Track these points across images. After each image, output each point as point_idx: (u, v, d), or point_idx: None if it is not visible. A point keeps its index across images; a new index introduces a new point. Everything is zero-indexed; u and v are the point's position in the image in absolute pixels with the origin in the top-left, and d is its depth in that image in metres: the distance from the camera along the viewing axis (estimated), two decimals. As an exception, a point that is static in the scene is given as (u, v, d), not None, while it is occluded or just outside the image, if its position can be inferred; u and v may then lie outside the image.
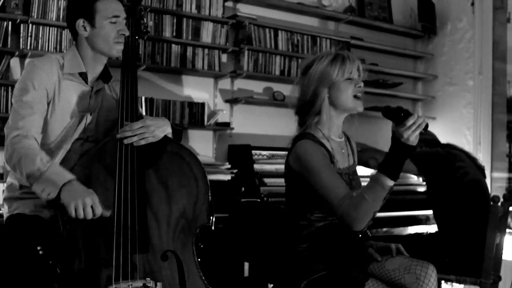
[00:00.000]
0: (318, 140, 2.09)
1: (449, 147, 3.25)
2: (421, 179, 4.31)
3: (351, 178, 2.17)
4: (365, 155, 2.82)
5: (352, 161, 2.24)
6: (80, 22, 2.09)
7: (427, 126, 1.88)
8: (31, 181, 1.85)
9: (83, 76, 2.14)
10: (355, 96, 2.12)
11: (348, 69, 2.10)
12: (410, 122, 1.85)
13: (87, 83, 2.15)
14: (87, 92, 2.15)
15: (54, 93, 2.06)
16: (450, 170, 3.06)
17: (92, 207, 1.77)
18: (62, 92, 2.08)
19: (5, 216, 2.13)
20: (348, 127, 2.30)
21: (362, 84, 2.13)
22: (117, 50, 2.13)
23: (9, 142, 1.93)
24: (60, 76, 2.08)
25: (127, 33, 2.12)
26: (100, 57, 2.15)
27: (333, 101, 2.11)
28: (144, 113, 2.41)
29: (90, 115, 2.15)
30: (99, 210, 1.79)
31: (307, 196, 2.07)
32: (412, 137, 1.85)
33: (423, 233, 4.05)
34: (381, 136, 4.81)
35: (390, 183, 1.89)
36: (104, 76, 2.20)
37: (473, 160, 3.19)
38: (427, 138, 3.33)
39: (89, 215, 1.77)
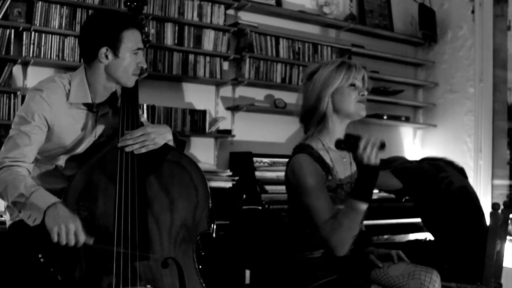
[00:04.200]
0: (317, 152, 2.09)
1: (428, 159, 3.23)
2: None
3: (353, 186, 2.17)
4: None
5: (355, 167, 2.21)
6: (103, 50, 2.03)
7: (383, 144, 1.92)
8: (18, 208, 1.84)
9: (88, 105, 2.11)
10: (358, 101, 2.12)
11: (353, 75, 2.11)
12: (362, 145, 1.91)
13: (92, 111, 2.13)
14: (92, 117, 2.13)
15: (59, 122, 2.04)
16: (435, 183, 3.05)
17: (75, 233, 1.74)
18: (67, 120, 2.06)
19: (7, 223, 2.14)
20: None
21: (366, 93, 2.14)
22: (132, 82, 2.11)
23: None
24: (65, 107, 2.06)
25: (145, 66, 2.12)
26: (112, 85, 2.11)
27: (336, 106, 2.11)
28: (146, 120, 2.41)
29: (95, 137, 2.15)
30: (82, 237, 1.75)
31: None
32: (371, 158, 1.90)
33: (422, 239, 4.05)
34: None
35: (364, 206, 1.93)
36: (111, 101, 2.17)
37: (451, 164, 3.17)
38: (398, 165, 3.29)
39: (72, 242, 1.74)
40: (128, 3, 2.34)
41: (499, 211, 2.75)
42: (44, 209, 1.77)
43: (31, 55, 3.43)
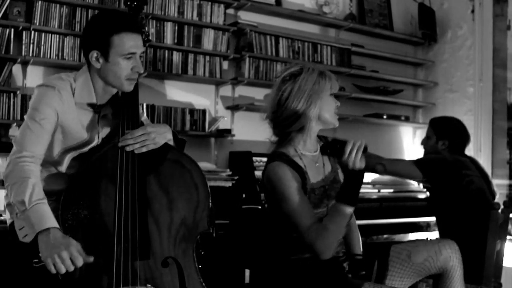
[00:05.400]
0: (291, 159, 2.10)
1: (458, 153, 3.23)
2: (421, 185, 4.31)
3: (327, 188, 2.17)
4: (371, 161, 2.86)
5: (329, 169, 2.23)
6: (94, 54, 2.01)
7: (366, 147, 1.96)
8: (17, 211, 1.83)
9: (93, 106, 2.09)
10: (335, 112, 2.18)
11: (334, 85, 2.15)
12: (348, 149, 1.95)
13: (96, 112, 2.11)
14: (95, 118, 2.12)
15: (67, 120, 2.04)
16: (456, 177, 3.06)
17: (71, 259, 1.71)
18: (73, 119, 2.05)
19: (8, 222, 2.13)
20: (347, 135, 2.31)
21: (339, 104, 2.18)
22: (127, 87, 2.06)
23: (13, 160, 1.90)
24: (73, 105, 2.05)
25: (141, 71, 2.05)
26: (111, 89, 2.09)
27: (321, 113, 2.12)
28: (147, 119, 2.40)
29: (98, 137, 2.14)
30: (79, 261, 1.73)
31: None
32: (356, 162, 1.94)
33: (423, 239, 4.05)
34: (380, 142, 4.82)
35: (350, 210, 1.96)
36: (113, 102, 2.15)
37: (479, 169, 3.18)
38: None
39: (70, 268, 1.71)
40: (128, 3, 2.33)
41: (499, 210, 2.76)
42: (37, 232, 1.76)
43: (30, 55, 3.42)
